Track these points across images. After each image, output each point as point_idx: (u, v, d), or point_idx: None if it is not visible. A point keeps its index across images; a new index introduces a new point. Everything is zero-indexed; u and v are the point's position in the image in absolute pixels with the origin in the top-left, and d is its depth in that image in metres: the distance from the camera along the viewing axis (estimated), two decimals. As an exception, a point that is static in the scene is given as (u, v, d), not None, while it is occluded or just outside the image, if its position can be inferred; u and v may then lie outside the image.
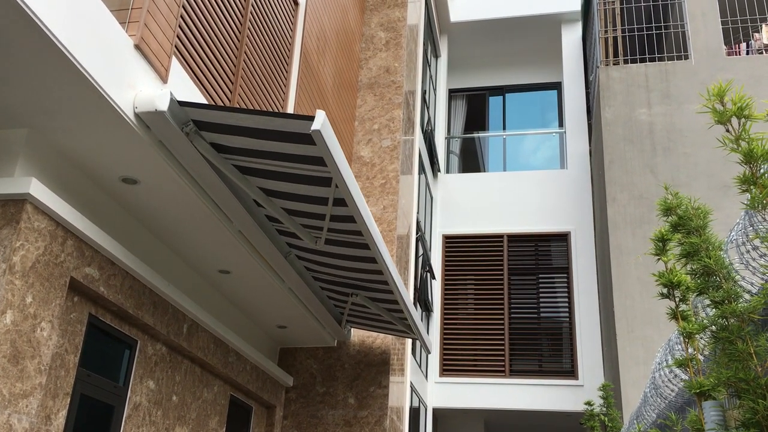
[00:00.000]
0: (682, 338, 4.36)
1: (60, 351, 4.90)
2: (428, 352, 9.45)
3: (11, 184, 4.36)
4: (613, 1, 13.13)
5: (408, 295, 7.34)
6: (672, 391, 5.41)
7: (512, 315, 13.52)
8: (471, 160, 16.29)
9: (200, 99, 5.65)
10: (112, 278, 5.30)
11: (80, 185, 5.08)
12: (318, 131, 4.31)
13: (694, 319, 4.29)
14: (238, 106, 6.39)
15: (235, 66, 6.40)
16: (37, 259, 4.46)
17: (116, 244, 5.25)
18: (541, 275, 13.71)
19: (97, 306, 5.35)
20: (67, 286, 4.76)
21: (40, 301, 4.47)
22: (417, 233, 11.95)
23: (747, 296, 3.58)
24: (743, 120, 2.86)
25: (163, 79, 4.91)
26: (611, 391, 8.96)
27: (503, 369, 13.08)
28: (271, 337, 9.00)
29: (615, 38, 12.95)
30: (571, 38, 15.65)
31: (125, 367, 5.78)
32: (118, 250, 5.27)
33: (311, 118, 4.32)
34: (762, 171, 2.80)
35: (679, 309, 4.33)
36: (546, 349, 13.20)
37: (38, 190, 4.41)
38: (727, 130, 2.92)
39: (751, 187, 2.86)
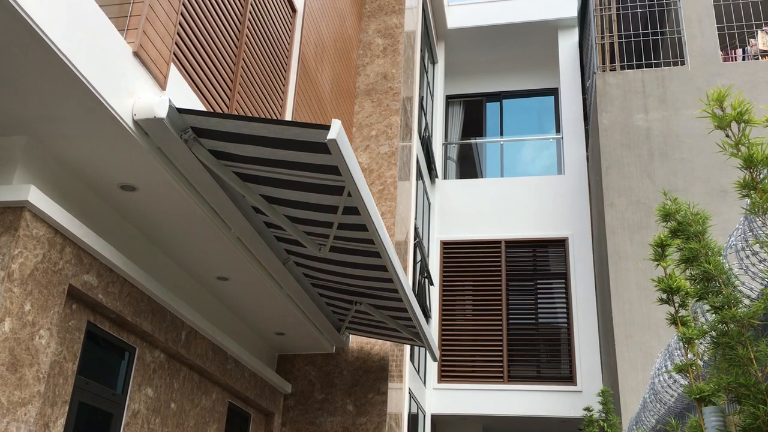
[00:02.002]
0: (681, 343, 4.36)
1: (58, 359, 4.89)
2: (435, 359, 9.42)
3: (10, 192, 4.35)
4: (610, 8, 13.17)
5: (416, 303, 7.32)
6: (671, 396, 5.40)
7: (510, 321, 13.51)
8: (468, 166, 16.31)
9: (199, 106, 5.65)
10: (111, 285, 5.29)
11: (79, 192, 5.07)
12: (334, 140, 4.30)
13: (693, 325, 4.29)
14: (236, 113, 6.39)
15: (233, 73, 6.41)
16: (36, 266, 4.45)
17: (114, 251, 5.24)
18: (539, 281, 13.71)
19: (95, 313, 5.34)
20: (65, 294, 4.75)
21: (38, 309, 4.45)
22: (415, 239, 11.95)
23: (747, 301, 3.58)
24: (743, 125, 2.87)
25: (162, 86, 4.92)
26: (610, 396, 8.94)
27: (502, 375, 13.06)
28: (269, 344, 8.98)
29: (611, 44, 12.99)
30: (568, 44, 15.69)
31: (123, 375, 5.76)
32: (117, 258, 5.26)
33: (327, 128, 4.30)
34: (762, 176, 2.80)
35: (679, 314, 4.33)
36: (544, 355, 13.19)
37: (37, 197, 4.40)
38: (727, 135, 2.93)
39: (751, 192, 2.86)
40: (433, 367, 13.26)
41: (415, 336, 8.29)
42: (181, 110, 4.59)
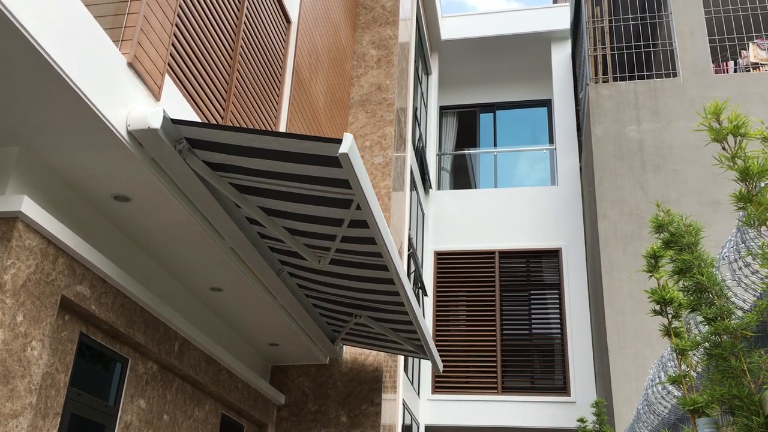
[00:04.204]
0: (675, 355, 4.37)
1: (50, 370, 4.86)
2: (440, 371, 9.36)
3: (3, 202, 4.33)
4: (602, 20, 13.26)
5: (422, 316, 7.29)
6: (665, 407, 5.41)
7: (504, 331, 13.50)
8: (462, 177, 16.34)
9: (193, 117, 5.65)
10: (104, 296, 5.27)
11: (72, 203, 5.06)
12: (346, 154, 4.27)
13: (686, 336, 4.30)
14: (231, 124, 6.39)
15: (227, 83, 6.41)
16: (28, 277, 4.43)
17: (108, 262, 5.22)
18: (532, 291, 13.72)
19: (88, 324, 5.31)
20: (58, 305, 4.72)
21: (30, 320, 4.43)
22: (409, 250, 11.95)
23: (739, 313, 3.59)
24: (739, 138, 2.89)
25: (156, 96, 4.92)
26: (604, 407, 8.94)
27: (495, 386, 13.04)
28: (262, 355, 8.95)
29: (604, 56, 13.06)
30: (561, 56, 15.78)
31: (116, 386, 5.73)
32: (110, 268, 5.24)
33: (339, 141, 4.28)
34: (758, 189, 2.81)
35: (672, 325, 4.34)
36: (538, 366, 13.18)
37: (30, 208, 4.39)
38: (723, 148, 2.95)
39: (747, 204, 2.87)
40: (427, 378, 13.23)
41: (418, 348, 8.25)
42: (175, 121, 4.59)
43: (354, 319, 7.59)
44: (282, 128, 7.80)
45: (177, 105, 5.37)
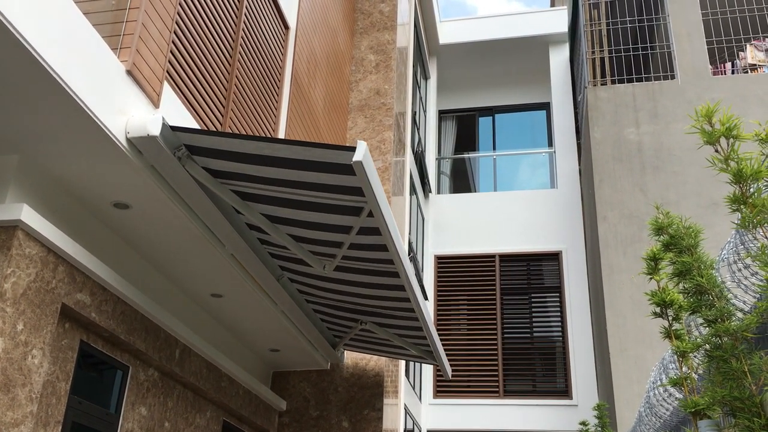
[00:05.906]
0: (676, 357, 4.37)
1: (51, 378, 4.85)
2: (449, 376, 9.32)
3: (3, 211, 4.34)
4: (600, 23, 13.29)
5: (431, 321, 7.26)
6: (667, 410, 5.41)
7: (505, 335, 13.50)
8: (462, 181, 16.35)
9: (192, 123, 5.66)
10: (104, 304, 5.27)
11: (72, 211, 5.06)
12: (360, 162, 4.27)
13: (687, 338, 4.30)
14: (230, 131, 6.40)
15: (226, 90, 6.42)
16: (29, 285, 4.43)
17: (108, 269, 5.22)
18: (533, 294, 13.71)
19: (88, 332, 5.31)
20: (58, 313, 4.73)
21: (31, 328, 4.43)
22: (409, 254, 11.95)
23: (740, 314, 3.59)
24: (732, 140, 2.89)
25: (155, 104, 4.93)
26: (606, 410, 8.93)
27: (497, 389, 13.02)
28: (263, 361, 8.94)
29: (602, 59, 13.08)
30: (559, 59, 15.80)
31: (117, 394, 5.72)
32: (110, 276, 5.24)
33: (352, 149, 4.28)
34: (752, 191, 2.82)
35: (673, 328, 4.34)
36: (539, 369, 13.17)
37: (30, 216, 4.39)
38: (716, 151, 2.95)
39: (742, 206, 2.88)
40: (428, 383, 13.21)
41: (425, 353, 8.22)
42: (174, 128, 4.59)
43: (359, 325, 7.55)
44: (281, 134, 7.81)
45: (176, 112, 5.38)
